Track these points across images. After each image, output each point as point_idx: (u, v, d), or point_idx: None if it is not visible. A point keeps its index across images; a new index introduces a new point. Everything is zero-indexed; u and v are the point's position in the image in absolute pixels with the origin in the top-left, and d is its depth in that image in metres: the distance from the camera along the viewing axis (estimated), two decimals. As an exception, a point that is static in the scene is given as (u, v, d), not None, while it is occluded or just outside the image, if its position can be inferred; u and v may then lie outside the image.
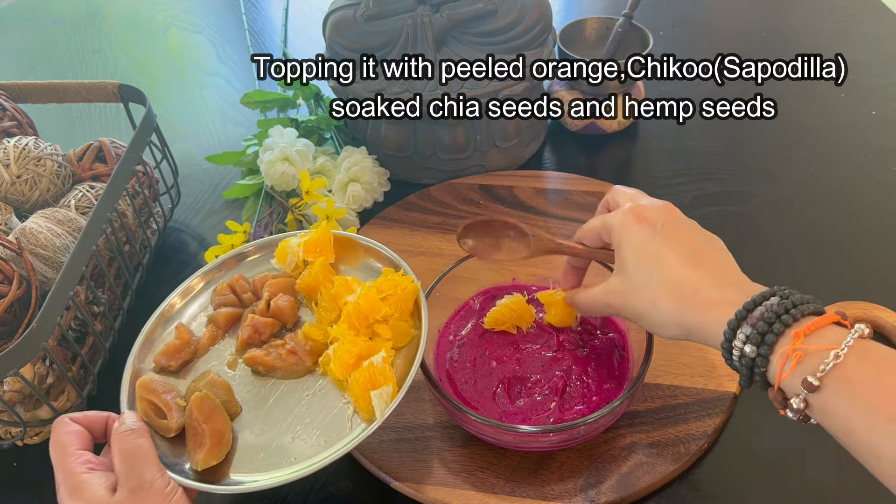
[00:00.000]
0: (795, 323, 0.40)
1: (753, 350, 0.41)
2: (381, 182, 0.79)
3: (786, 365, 0.39)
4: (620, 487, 0.54)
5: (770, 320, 0.41)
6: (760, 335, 0.41)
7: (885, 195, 0.76)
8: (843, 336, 0.39)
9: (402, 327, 0.55)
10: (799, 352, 0.39)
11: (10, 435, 0.60)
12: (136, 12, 1.23)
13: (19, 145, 0.69)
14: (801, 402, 0.39)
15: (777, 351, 0.40)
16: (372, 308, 0.55)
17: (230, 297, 0.60)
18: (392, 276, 0.57)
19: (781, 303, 0.41)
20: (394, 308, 0.55)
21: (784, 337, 0.40)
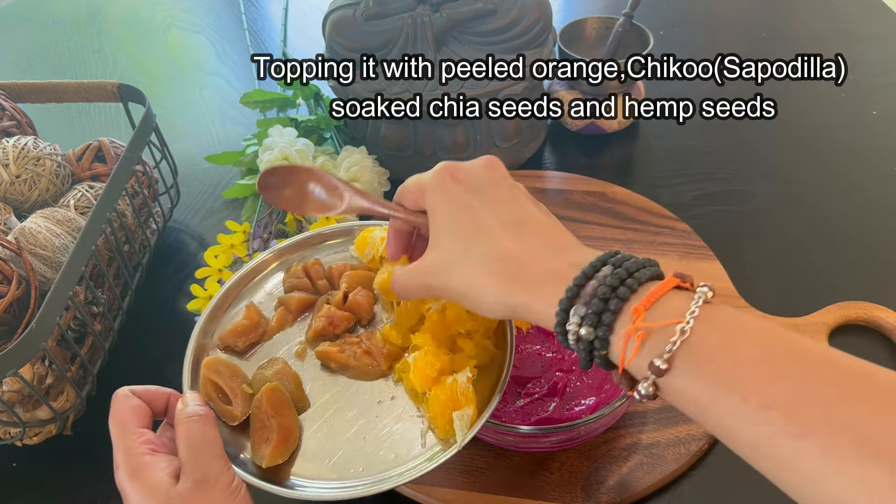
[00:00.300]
0: (634, 295, 0.36)
1: (590, 332, 0.36)
2: (381, 182, 0.79)
3: (628, 347, 0.35)
4: (620, 488, 0.54)
5: (605, 296, 0.36)
6: (597, 315, 0.36)
7: (886, 195, 0.76)
8: (688, 303, 0.34)
9: (485, 345, 0.51)
10: (641, 331, 0.34)
11: (10, 435, 0.60)
12: (136, 12, 1.23)
13: (18, 145, 0.69)
14: (650, 387, 0.35)
15: (617, 331, 0.35)
16: (458, 319, 0.50)
17: (304, 281, 0.56)
18: None
19: (615, 273, 0.36)
20: (479, 323, 0.51)
21: (623, 315, 0.35)
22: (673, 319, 0.34)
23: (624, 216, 0.75)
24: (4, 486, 0.61)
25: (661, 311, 0.35)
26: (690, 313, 0.34)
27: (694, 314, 0.34)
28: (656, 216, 0.74)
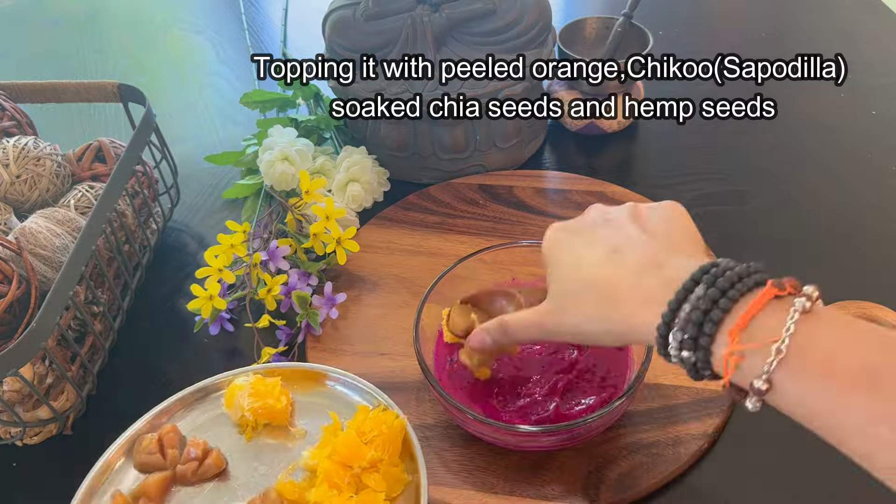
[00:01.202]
0: (728, 315, 0.35)
1: (690, 355, 0.37)
2: (381, 182, 0.79)
3: (727, 368, 0.35)
4: (620, 487, 0.54)
5: (699, 320, 0.36)
6: (693, 340, 0.36)
7: (886, 195, 0.76)
8: (784, 317, 0.34)
9: (393, 474, 0.49)
10: (735, 356, 0.35)
11: (10, 435, 0.60)
12: (136, 12, 1.23)
13: (18, 145, 0.69)
14: (757, 402, 0.35)
15: (715, 353, 0.36)
16: (354, 455, 0.48)
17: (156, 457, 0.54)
18: (373, 414, 0.51)
19: (707, 294, 0.36)
20: (381, 451, 0.49)
21: (719, 336, 0.36)
22: (768, 339, 0.34)
23: (624, 216, 0.75)
24: (4, 485, 0.61)
25: (757, 330, 0.34)
26: (786, 330, 0.33)
27: (790, 332, 0.33)
28: (656, 216, 0.74)
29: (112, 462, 0.55)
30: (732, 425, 0.58)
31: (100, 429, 0.64)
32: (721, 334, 0.35)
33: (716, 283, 0.36)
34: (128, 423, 0.64)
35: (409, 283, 0.71)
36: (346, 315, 0.69)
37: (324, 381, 0.58)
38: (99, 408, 0.65)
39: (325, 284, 0.68)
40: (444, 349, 0.61)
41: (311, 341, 0.67)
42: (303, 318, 0.67)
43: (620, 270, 0.41)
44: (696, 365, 0.37)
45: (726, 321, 0.35)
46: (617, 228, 0.44)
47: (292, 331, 0.67)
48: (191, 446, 0.54)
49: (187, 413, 0.58)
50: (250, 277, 0.68)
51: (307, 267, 0.70)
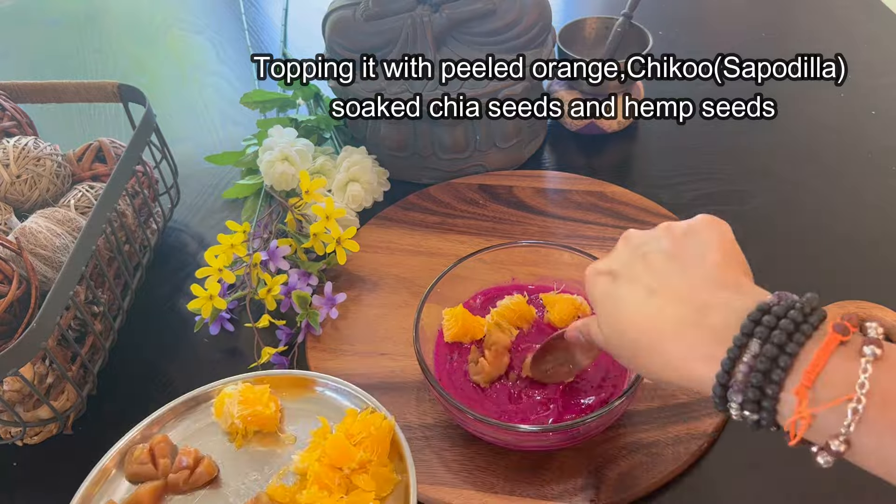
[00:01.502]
0: (791, 372, 0.33)
1: (754, 415, 0.34)
2: (381, 182, 0.79)
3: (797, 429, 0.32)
4: (620, 487, 0.54)
5: (759, 384, 0.33)
6: (755, 402, 0.34)
7: (885, 195, 0.76)
8: (856, 368, 0.31)
9: (383, 474, 0.49)
10: (806, 417, 0.32)
11: (11, 434, 0.60)
12: (136, 12, 1.23)
13: (19, 145, 0.69)
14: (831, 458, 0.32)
15: (782, 412, 0.33)
16: (344, 456, 0.48)
17: (147, 467, 0.54)
18: (361, 416, 0.51)
19: (764, 352, 0.33)
20: (370, 452, 0.49)
21: (784, 394, 0.33)
22: (842, 397, 0.31)
23: (623, 216, 0.75)
24: (5, 485, 0.61)
25: (826, 386, 0.32)
26: (860, 386, 0.31)
27: (865, 388, 0.31)
28: (656, 216, 0.74)
29: (107, 470, 0.55)
30: (732, 425, 0.58)
31: (100, 429, 0.64)
32: (786, 393, 0.33)
33: (771, 338, 0.33)
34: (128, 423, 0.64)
35: (409, 283, 0.71)
36: (346, 315, 0.69)
37: (312, 386, 0.58)
38: (99, 408, 0.65)
39: (325, 284, 0.68)
40: (444, 349, 0.61)
41: (311, 341, 0.67)
42: (303, 318, 0.67)
43: (660, 321, 0.38)
44: (759, 423, 0.34)
45: (790, 379, 0.33)
46: (652, 265, 0.41)
47: (292, 331, 0.67)
48: (182, 455, 0.54)
49: (178, 423, 0.58)
50: (250, 277, 0.68)
51: (307, 267, 0.70)
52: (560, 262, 0.63)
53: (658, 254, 0.42)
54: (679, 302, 0.38)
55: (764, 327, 0.34)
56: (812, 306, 0.35)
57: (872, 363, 0.31)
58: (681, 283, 0.39)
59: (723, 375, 0.35)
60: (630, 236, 0.45)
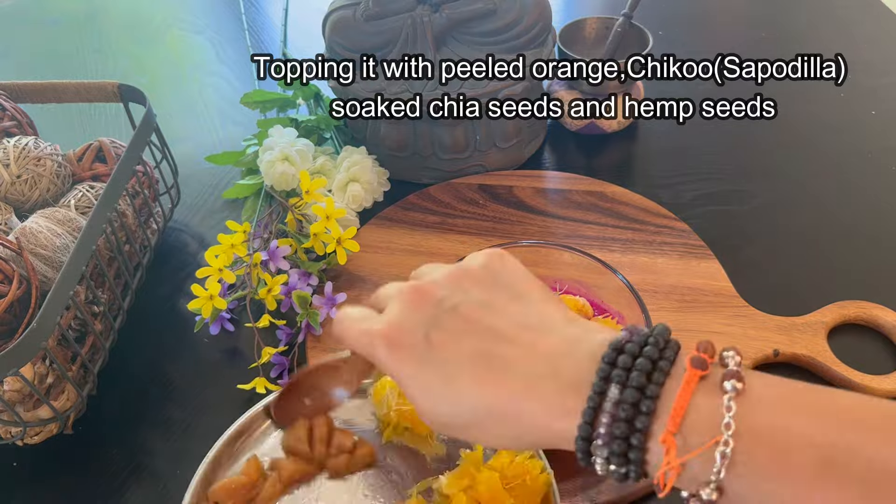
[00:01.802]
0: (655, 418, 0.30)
1: (622, 469, 0.32)
2: (381, 182, 0.79)
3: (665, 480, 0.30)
4: (620, 487, 0.54)
5: (624, 435, 0.31)
6: (622, 455, 0.31)
7: (885, 195, 0.76)
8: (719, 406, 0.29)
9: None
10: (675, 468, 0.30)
11: (11, 434, 0.60)
12: (136, 12, 1.23)
13: (19, 145, 0.69)
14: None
15: (651, 461, 0.31)
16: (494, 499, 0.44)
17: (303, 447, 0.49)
18: (520, 460, 0.47)
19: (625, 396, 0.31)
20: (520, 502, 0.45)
21: (651, 443, 0.31)
22: (709, 441, 0.29)
23: (623, 216, 0.75)
24: (5, 485, 0.61)
25: (693, 431, 0.30)
26: (726, 427, 0.29)
27: (731, 429, 0.29)
28: (656, 216, 0.74)
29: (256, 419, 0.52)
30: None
31: (100, 429, 0.64)
32: (653, 441, 0.31)
33: (630, 381, 0.31)
34: (128, 423, 0.65)
35: (410, 283, 0.71)
36: (346, 315, 0.68)
37: None
38: (99, 408, 0.65)
39: (326, 284, 0.68)
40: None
41: (312, 341, 0.67)
42: (303, 318, 0.67)
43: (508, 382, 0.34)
44: (627, 476, 0.32)
45: (655, 425, 0.30)
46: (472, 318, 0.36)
47: (292, 331, 0.67)
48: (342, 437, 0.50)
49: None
50: (250, 277, 0.68)
51: (307, 267, 0.70)
52: (560, 262, 0.63)
53: (472, 305, 0.36)
54: (525, 356, 0.34)
55: (621, 369, 0.31)
56: (665, 339, 0.32)
57: (735, 399, 0.29)
58: (518, 332, 0.35)
59: (585, 428, 0.31)
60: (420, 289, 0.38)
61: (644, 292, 0.62)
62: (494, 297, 0.37)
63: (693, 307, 0.65)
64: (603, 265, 0.60)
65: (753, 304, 0.65)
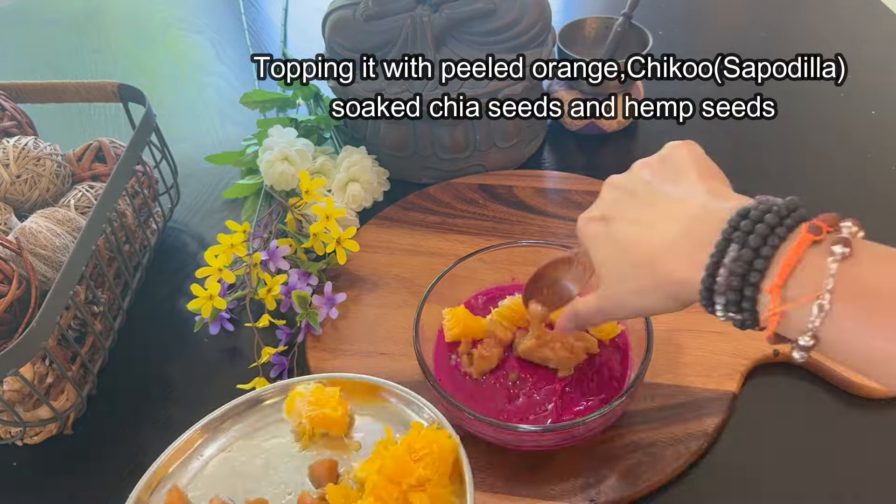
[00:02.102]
0: (767, 273, 0.35)
1: (738, 316, 0.37)
2: (381, 182, 0.79)
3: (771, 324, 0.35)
4: (620, 487, 0.54)
5: (738, 286, 0.36)
6: (736, 304, 0.36)
7: (885, 195, 0.76)
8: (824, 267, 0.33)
9: (441, 495, 0.46)
10: (777, 314, 0.35)
11: (10, 434, 0.60)
12: (136, 12, 1.23)
13: (19, 145, 0.69)
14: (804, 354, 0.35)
15: (761, 311, 0.36)
16: (403, 471, 0.46)
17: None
18: (426, 432, 0.49)
19: (741, 255, 0.36)
20: (430, 470, 0.47)
21: (762, 296, 0.36)
22: (809, 294, 0.33)
23: (624, 216, 0.75)
24: (5, 485, 0.61)
25: (797, 284, 0.34)
26: (826, 283, 0.33)
27: (829, 286, 0.33)
28: (656, 216, 0.74)
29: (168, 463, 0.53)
30: (732, 425, 0.58)
31: (100, 429, 0.64)
32: (762, 294, 0.35)
33: (748, 242, 0.36)
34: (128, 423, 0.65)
35: (409, 283, 0.71)
36: (346, 315, 0.69)
37: (382, 394, 0.56)
38: (99, 408, 0.65)
39: (325, 284, 0.68)
40: (443, 349, 0.61)
41: (311, 341, 0.67)
42: (303, 318, 0.67)
43: (654, 240, 0.41)
44: (743, 323, 0.37)
45: (766, 280, 0.35)
46: (640, 197, 0.44)
47: (292, 330, 0.67)
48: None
49: (241, 420, 0.56)
50: (250, 277, 0.68)
51: (307, 267, 0.70)
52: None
53: (640, 188, 0.45)
54: (669, 220, 0.41)
55: (741, 232, 0.36)
56: (790, 209, 0.37)
57: (839, 261, 0.33)
58: (668, 203, 0.42)
59: (707, 279, 0.37)
60: (612, 181, 0.48)
61: (644, 292, 0.62)
62: (661, 179, 0.45)
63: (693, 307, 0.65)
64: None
65: (753, 304, 0.65)
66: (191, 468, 0.54)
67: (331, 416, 0.54)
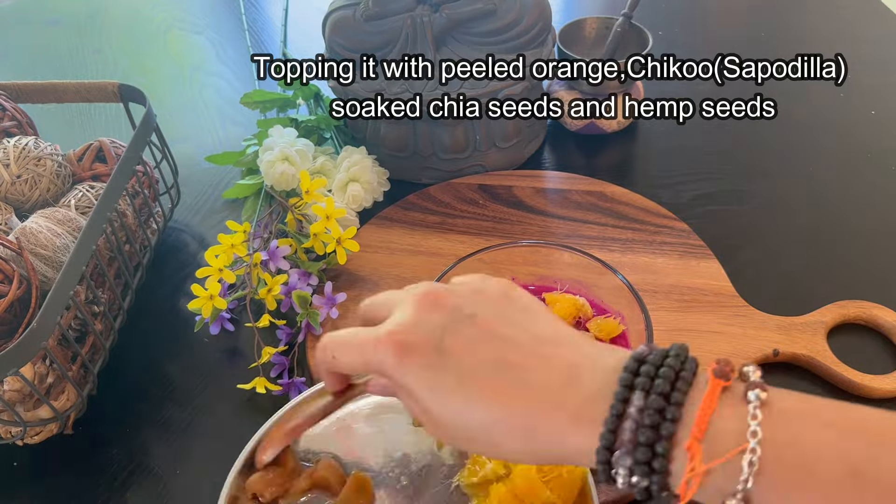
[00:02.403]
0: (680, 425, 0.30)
1: (644, 480, 0.31)
2: (381, 182, 0.79)
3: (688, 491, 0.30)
4: (620, 487, 0.54)
5: (650, 441, 0.30)
6: (646, 464, 0.30)
7: (885, 195, 0.76)
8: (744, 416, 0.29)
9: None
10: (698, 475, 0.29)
11: (11, 434, 0.60)
12: (136, 12, 1.23)
13: (19, 145, 0.69)
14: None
15: (674, 472, 0.30)
16: (531, 492, 0.43)
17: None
18: None
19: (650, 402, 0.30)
20: (557, 495, 0.44)
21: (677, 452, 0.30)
22: (733, 449, 0.29)
23: (623, 216, 0.75)
24: (5, 485, 0.61)
25: (717, 437, 0.29)
26: (752, 435, 0.29)
27: (758, 437, 0.29)
28: (655, 216, 0.74)
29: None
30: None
31: (100, 429, 0.64)
32: (678, 449, 0.30)
33: (654, 388, 0.31)
34: (129, 423, 0.65)
35: (409, 283, 0.70)
36: (346, 315, 0.69)
37: None
38: (99, 408, 0.65)
39: (326, 284, 0.68)
40: (444, 349, 0.61)
41: (312, 341, 0.67)
42: (303, 318, 0.67)
43: (524, 394, 0.33)
44: (649, 489, 0.31)
45: (679, 433, 0.30)
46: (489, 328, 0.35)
47: (292, 330, 0.67)
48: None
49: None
50: (250, 277, 0.68)
51: (307, 267, 0.70)
52: (560, 262, 0.63)
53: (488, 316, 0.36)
54: (541, 367, 0.34)
55: (644, 377, 0.31)
56: (685, 354, 0.33)
57: (760, 408, 0.29)
58: (534, 345, 0.35)
59: (607, 436, 0.31)
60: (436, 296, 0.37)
61: (644, 292, 0.62)
62: (510, 312, 0.37)
63: (693, 307, 0.65)
64: (603, 265, 0.60)
65: (753, 303, 0.65)
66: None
67: None
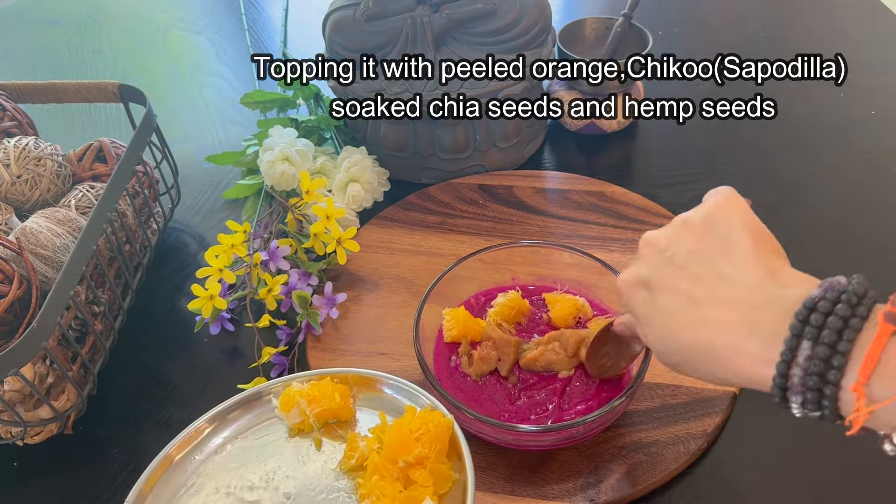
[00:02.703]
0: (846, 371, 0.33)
1: (816, 413, 0.34)
2: (381, 182, 0.79)
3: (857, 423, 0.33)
4: (620, 487, 0.54)
5: (816, 386, 0.33)
6: (816, 402, 0.34)
7: (885, 195, 0.76)
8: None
9: (441, 471, 0.48)
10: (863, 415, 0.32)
11: (11, 434, 0.60)
12: (136, 12, 1.23)
13: (19, 145, 0.69)
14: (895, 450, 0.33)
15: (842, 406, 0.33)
16: (403, 448, 0.48)
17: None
18: (421, 413, 0.50)
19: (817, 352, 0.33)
20: (428, 448, 0.48)
21: (843, 392, 0.33)
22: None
23: (623, 216, 0.75)
24: (5, 485, 0.61)
25: (883, 380, 0.32)
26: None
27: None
28: (655, 216, 0.74)
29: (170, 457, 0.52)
30: (732, 425, 0.58)
31: (100, 428, 0.64)
32: (843, 391, 0.33)
33: (821, 338, 0.33)
34: (129, 423, 0.65)
35: (409, 283, 0.71)
36: (346, 315, 0.69)
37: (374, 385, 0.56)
38: (99, 407, 0.65)
39: (326, 284, 0.68)
40: (444, 349, 0.61)
41: (312, 341, 0.67)
42: (303, 318, 0.67)
43: (710, 331, 0.38)
44: (823, 418, 0.35)
45: (846, 377, 0.33)
46: (683, 268, 0.41)
47: (292, 330, 0.67)
48: None
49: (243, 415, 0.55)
50: (251, 277, 0.68)
51: (307, 267, 0.70)
52: (560, 262, 0.63)
53: (684, 255, 0.41)
54: (723, 307, 0.38)
55: (812, 327, 0.34)
56: (859, 295, 0.35)
57: None
58: (720, 284, 0.39)
59: (779, 379, 0.35)
60: (651, 240, 0.44)
61: (644, 292, 0.62)
62: (705, 246, 0.41)
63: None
64: (603, 265, 0.60)
65: (753, 304, 0.65)
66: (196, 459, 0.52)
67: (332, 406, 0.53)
